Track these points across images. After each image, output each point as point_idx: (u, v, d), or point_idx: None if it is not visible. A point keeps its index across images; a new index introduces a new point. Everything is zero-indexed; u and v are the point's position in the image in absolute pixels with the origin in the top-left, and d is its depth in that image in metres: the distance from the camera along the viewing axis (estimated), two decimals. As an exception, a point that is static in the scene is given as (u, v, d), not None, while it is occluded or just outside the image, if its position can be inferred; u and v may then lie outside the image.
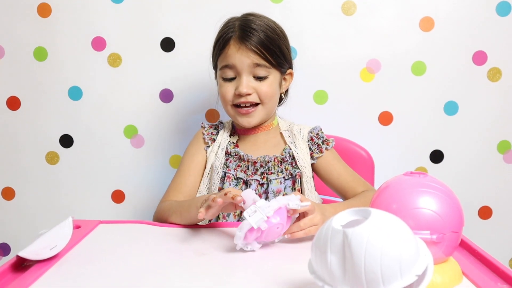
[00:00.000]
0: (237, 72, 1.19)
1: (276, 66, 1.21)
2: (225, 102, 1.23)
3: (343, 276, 0.58)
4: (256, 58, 1.17)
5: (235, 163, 1.25)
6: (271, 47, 1.18)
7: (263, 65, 1.18)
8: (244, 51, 1.17)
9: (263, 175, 1.23)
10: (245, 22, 1.20)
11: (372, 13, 1.57)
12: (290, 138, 1.27)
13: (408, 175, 0.74)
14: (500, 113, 1.61)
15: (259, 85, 1.19)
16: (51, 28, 1.58)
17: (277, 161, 1.23)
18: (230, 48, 1.19)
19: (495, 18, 1.56)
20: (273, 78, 1.21)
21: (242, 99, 1.19)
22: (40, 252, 0.82)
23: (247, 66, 1.17)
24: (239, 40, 1.18)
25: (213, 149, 1.26)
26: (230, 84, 1.21)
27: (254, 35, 1.17)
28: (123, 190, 1.67)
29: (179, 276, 0.78)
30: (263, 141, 1.28)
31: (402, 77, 1.59)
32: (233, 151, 1.25)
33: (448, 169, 1.64)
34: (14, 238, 1.71)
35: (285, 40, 1.25)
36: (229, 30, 1.20)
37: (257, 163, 1.23)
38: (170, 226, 1.06)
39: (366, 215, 0.60)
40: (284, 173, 1.23)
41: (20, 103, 1.63)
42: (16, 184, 1.68)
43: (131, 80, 1.61)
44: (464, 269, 0.77)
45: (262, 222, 0.84)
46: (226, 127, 1.31)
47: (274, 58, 1.19)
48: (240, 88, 1.18)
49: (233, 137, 1.29)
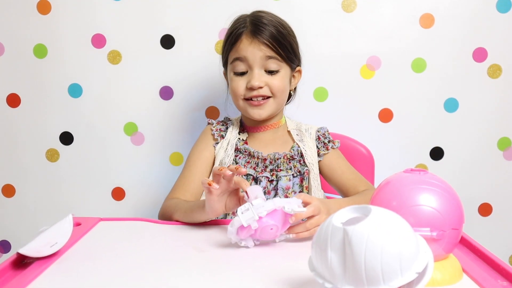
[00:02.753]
0: (248, 65, 1.20)
1: (287, 61, 1.22)
2: (236, 96, 1.24)
3: (344, 274, 0.58)
4: (268, 51, 1.19)
5: (245, 159, 1.25)
6: (282, 41, 1.20)
7: (275, 58, 1.20)
8: (256, 44, 1.18)
9: (273, 172, 1.23)
10: (256, 18, 1.22)
11: (372, 10, 1.57)
12: (298, 136, 1.28)
13: (408, 172, 0.74)
14: (500, 110, 1.61)
15: (271, 79, 1.20)
16: (51, 25, 1.58)
17: (286, 158, 1.24)
18: (242, 42, 1.20)
19: (496, 15, 1.55)
20: (284, 73, 1.23)
21: (254, 92, 1.20)
22: (40, 250, 0.82)
23: (259, 58, 1.19)
24: (251, 34, 1.19)
25: (222, 145, 1.26)
26: (241, 78, 1.22)
27: (265, 29, 1.19)
28: (123, 188, 1.67)
29: (179, 273, 0.78)
30: (271, 139, 1.29)
31: (402, 74, 1.59)
32: (242, 147, 1.25)
33: (448, 166, 1.64)
34: (14, 235, 1.71)
35: (294, 37, 1.27)
36: (241, 25, 1.22)
37: (267, 160, 1.24)
38: (170, 223, 1.06)
39: (367, 213, 0.60)
40: (293, 170, 1.23)
41: (20, 101, 1.63)
42: (16, 182, 1.68)
43: (131, 77, 1.61)
44: (464, 266, 0.77)
45: (253, 221, 0.83)
46: (235, 124, 1.31)
47: (285, 53, 1.21)
48: (253, 81, 1.19)
49: (242, 134, 1.29)
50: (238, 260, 0.83)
